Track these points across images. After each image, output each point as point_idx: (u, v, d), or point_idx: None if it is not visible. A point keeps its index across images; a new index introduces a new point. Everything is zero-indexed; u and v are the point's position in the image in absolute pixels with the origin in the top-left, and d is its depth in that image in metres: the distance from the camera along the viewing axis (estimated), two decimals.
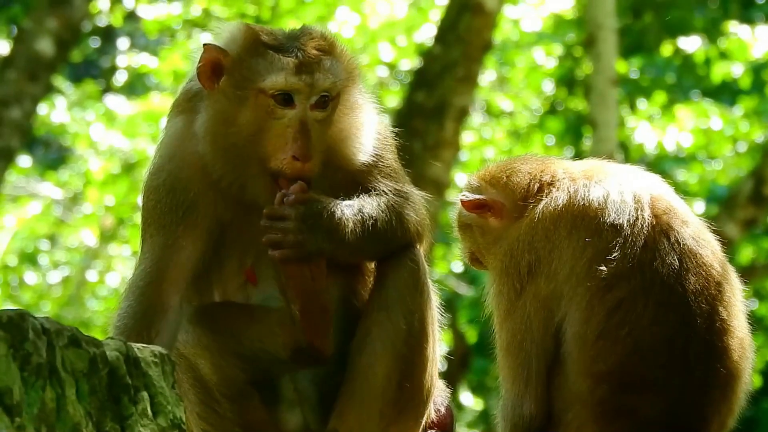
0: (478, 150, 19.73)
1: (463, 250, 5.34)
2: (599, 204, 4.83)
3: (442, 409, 5.32)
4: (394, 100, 17.98)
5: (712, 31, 19.91)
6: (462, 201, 5.17)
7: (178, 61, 19.29)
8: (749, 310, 4.97)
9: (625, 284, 4.72)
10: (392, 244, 5.05)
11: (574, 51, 19.36)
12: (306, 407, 5.07)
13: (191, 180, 5.02)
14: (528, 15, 19.56)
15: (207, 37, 5.14)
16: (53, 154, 24.11)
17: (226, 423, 4.97)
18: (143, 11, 19.72)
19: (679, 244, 4.79)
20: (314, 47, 4.96)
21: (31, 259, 21.51)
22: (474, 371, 20.46)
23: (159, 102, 19.68)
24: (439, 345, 5.19)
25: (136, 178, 19.05)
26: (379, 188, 5.10)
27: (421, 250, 5.14)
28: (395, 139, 5.27)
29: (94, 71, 24.38)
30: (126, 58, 21.84)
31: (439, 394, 5.31)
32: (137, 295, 5.00)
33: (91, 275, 21.55)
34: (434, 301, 5.15)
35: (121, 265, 21.12)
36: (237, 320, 5.04)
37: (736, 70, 19.18)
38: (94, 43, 23.98)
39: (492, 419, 5.20)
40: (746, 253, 19.05)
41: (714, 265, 4.84)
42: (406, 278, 5.05)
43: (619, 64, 16.80)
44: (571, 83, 19.68)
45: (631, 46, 20.27)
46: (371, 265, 5.15)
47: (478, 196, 5.13)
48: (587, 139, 18.00)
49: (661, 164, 18.51)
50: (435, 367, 5.15)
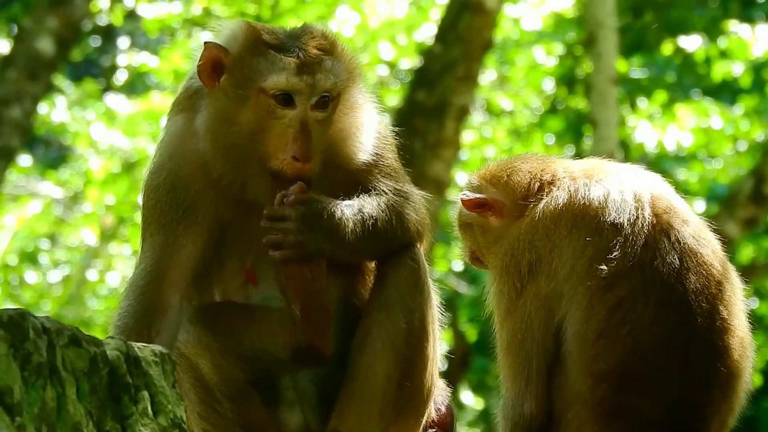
0: (479, 149, 19.73)
1: (463, 249, 5.33)
2: (600, 203, 4.83)
3: (443, 409, 5.31)
4: (394, 99, 17.98)
5: (713, 30, 19.90)
6: (462, 200, 5.16)
7: (178, 60, 19.28)
8: (749, 309, 4.97)
9: (626, 283, 4.72)
10: (392, 244, 5.05)
11: (575, 50, 19.35)
12: (306, 407, 5.07)
13: (191, 179, 5.01)
14: (528, 14, 19.55)
15: (208, 36, 5.12)
16: (53, 153, 24.10)
17: (227, 423, 4.97)
18: (143, 10, 19.71)
19: (680, 243, 4.79)
20: (315, 47, 4.95)
21: (31, 258, 21.51)
22: (474, 370, 20.45)
23: (159, 101, 19.67)
24: (439, 344, 5.18)
25: (137, 177, 19.05)
26: (379, 188, 5.09)
27: (421, 250, 5.13)
28: (395, 138, 5.26)
29: (94, 70, 24.36)
30: (126, 57, 21.83)
31: (440, 394, 5.31)
32: (137, 295, 4.99)
33: (92, 274, 21.55)
34: (435, 300, 5.14)
35: (122, 265, 21.12)
36: (237, 320, 5.04)
37: (737, 69, 19.17)
38: (95, 42, 23.96)
39: (492, 418, 5.19)
40: (746, 252, 19.04)
41: (714, 264, 4.84)
42: (407, 277, 5.04)
43: (620, 63, 16.79)
44: (571, 82, 19.66)
45: (632, 45, 20.26)
46: (371, 265, 5.14)
47: (478, 195, 5.13)
48: (587, 138, 18.00)
49: (661, 163, 18.50)
50: (435, 367, 5.14)
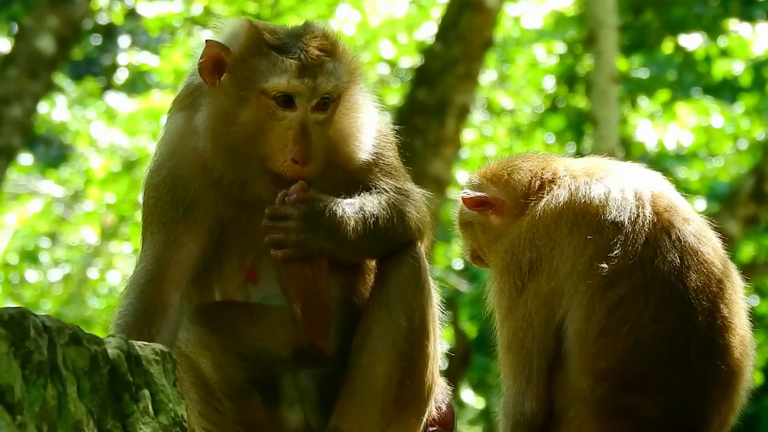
0: (479, 147, 19.73)
1: (464, 248, 5.33)
2: (600, 201, 4.82)
3: (443, 407, 5.31)
4: (395, 97, 17.98)
5: (713, 29, 19.90)
6: (463, 198, 5.16)
7: (179, 59, 19.29)
8: (750, 308, 4.97)
9: (626, 282, 4.72)
10: (393, 242, 5.04)
11: (575, 48, 19.35)
12: (307, 406, 5.06)
13: (192, 177, 5.01)
14: (529, 12, 19.55)
15: (209, 34, 5.11)
16: (54, 152, 24.10)
17: (228, 422, 4.97)
18: (144, 9, 19.71)
19: (680, 242, 4.79)
20: (317, 47, 4.94)
21: (32, 257, 21.51)
22: (475, 369, 20.45)
23: (160, 100, 19.67)
24: (440, 342, 5.18)
25: (137, 176, 19.05)
26: (380, 186, 5.09)
27: (422, 248, 5.12)
28: (396, 137, 5.26)
29: (94, 69, 24.36)
30: (127, 56, 21.83)
31: (440, 392, 5.30)
32: (138, 293, 4.99)
33: (92, 273, 21.55)
34: (435, 299, 5.14)
35: (122, 263, 21.12)
36: (238, 319, 5.03)
37: (737, 68, 19.17)
38: (95, 40, 23.96)
39: (493, 417, 5.19)
40: (747, 251, 19.05)
41: (715, 263, 4.83)
42: (407, 275, 5.04)
43: (620, 61, 16.79)
44: (572, 80, 19.66)
45: (632, 44, 20.26)
46: (372, 264, 5.14)
47: (479, 194, 5.12)
48: (588, 137, 18.00)
49: (662, 162, 18.51)
50: (436, 365, 5.14)
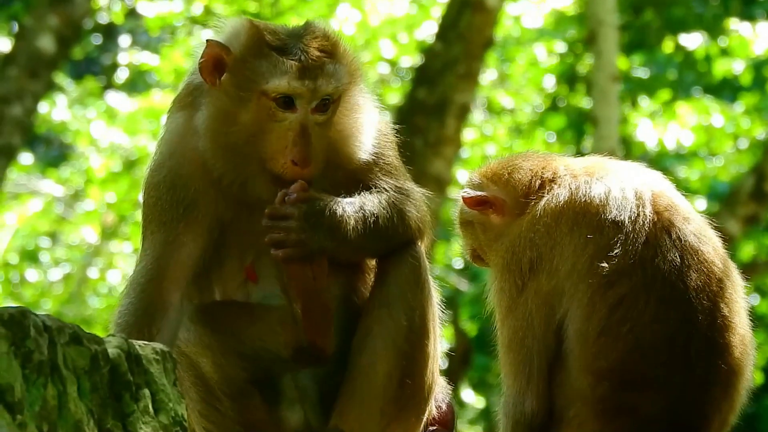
0: (480, 147, 19.72)
1: (464, 247, 5.33)
2: (601, 201, 4.82)
3: (444, 406, 5.31)
4: (395, 97, 17.98)
5: (714, 28, 19.89)
6: (463, 198, 5.16)
7: (179, 58, 19.28)
8: (750, 307, 4.97)
9: (627, 281, 4.72)
10: (393, 241, 5.04)
11: (576, 48, 19.34)
12: (307, 405, 5.06)
13: (192, 177, 5.01)
14: (529, 12, 19.54)
15: (209, 34, 5.11)
16: (54, 152, 24.10)
17: (228, 421, 4.97)
18: (144, 8, 19.71)
19: (681, 241, 4.79)
20: (317, 48, 4.93)
21: (32, 257, 21.50)
22: (475, 368, 20.44)
23: (160, 99, 19.66)
24: (440, 342, 5.18)
25: (137, 176, 19.05)
26: (380, 185, 5.08)
27: (422, 247, 5.12)
28: (396, 136, 5.26)
29: (95, 68, 24.35)
30: (127, 56, 21.82)
31: (441, 391, 5.30)
32: (138, 292, 4.99)
33: (93, 272, 21.54)
34: (435, 298, 5.14)
35: (123, 263, 21.11)
36: (238, 319, 5.03)
37: (737, 67, 19.16)
38: (96, 40, 23.95)
39: (493, 416, 5.19)
40: (747, 250, 19.04)
41: (715, 262, 4.83)
42: (407, 275, 5.04)
43: (621, 60, 16.78)
44: (572, 80, 19.66)
45: (633, 43, 20.25)
46: (372, 263, 5.14)
47: (479, 193, 5.12)
48: (588, 136, 17.99)
49: (662, 161, 18.50)
50: (436, 364, 5.14)
